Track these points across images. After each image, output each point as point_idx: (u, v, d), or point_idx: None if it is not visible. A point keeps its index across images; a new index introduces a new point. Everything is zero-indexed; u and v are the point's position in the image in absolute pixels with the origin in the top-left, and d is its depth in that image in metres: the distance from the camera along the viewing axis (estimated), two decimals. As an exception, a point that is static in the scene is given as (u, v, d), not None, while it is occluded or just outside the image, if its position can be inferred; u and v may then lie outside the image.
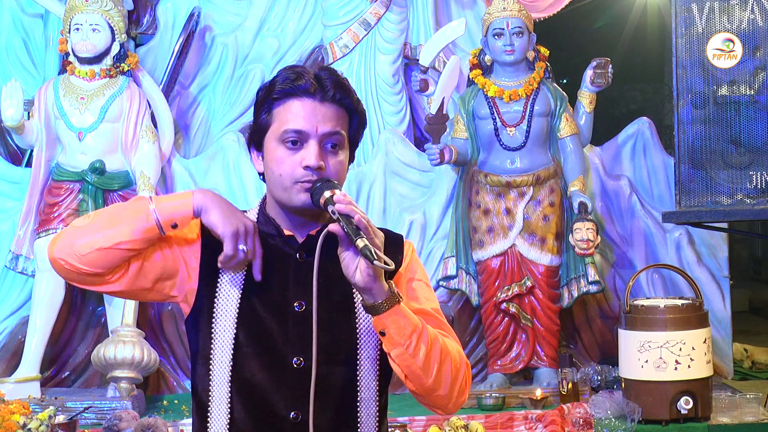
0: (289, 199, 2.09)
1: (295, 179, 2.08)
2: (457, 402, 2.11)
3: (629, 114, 12.01)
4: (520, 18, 5.57)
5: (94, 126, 5.71)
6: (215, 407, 2.09)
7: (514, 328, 5.58)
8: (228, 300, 2.11)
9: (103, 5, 5.74)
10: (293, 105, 2.09)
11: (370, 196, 6.02)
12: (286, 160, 2.09)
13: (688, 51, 4.45)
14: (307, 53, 6.48)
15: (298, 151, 2.08)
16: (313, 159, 2.06)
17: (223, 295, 2.11)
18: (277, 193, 2.12)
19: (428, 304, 2.15)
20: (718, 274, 5.97)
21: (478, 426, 4.56)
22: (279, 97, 2.11)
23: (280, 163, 2.09)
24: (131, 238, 2.04)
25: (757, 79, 4.43)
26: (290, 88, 2.09)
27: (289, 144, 2.09)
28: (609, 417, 4.66)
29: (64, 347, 5.90)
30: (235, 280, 2.11)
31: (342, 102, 2.12)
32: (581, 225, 5.38)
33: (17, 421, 4.42)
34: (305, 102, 2.09)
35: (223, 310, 2.10)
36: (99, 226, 2.06)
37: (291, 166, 2.08)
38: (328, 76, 2.12)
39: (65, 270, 2.07)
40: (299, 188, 2.07)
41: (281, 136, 2.09)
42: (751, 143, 4.42)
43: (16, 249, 5.71)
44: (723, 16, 4.43)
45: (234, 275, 2.12)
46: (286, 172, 2.08)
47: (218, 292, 2.11)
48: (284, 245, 2.14)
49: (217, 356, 2.09)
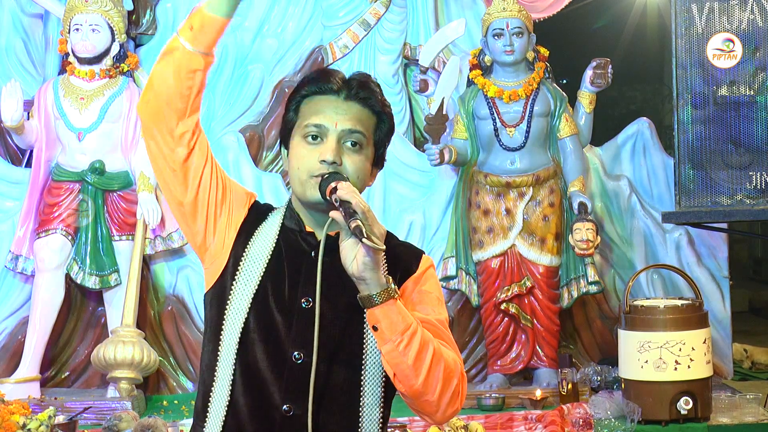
0: (304, 193, 2.11)
1: (310, 173, 2.09)
2: (446, 412, 2.08)
3: (629, 114, 11.99)
4: (520, 18, 5.57)
5: (94, 126, 5.71)
6: (218, 386, 2.11)
7: (514, 328, 5.58)
8: (247, 284, 2.12)
9: (102, 5, 5.74)
10: (318, 102, 2.13)
11: (370, 197, 6.01)
12: (306, 154, 2.11)
13: (688, 51, 4.45)
14: (307, 53, 6.47)
15: (317, 146, 2.10)
16: (329, 153, 2.08)
17: (244, 278, 2.12)
18: (296, 187, 2.14)
19: (434, 315, 2.14)
20: (717, 275, 5.97)
21: (477, 426, 4.56)
22: (306, 94, 2.15)
23: (300, 157, 2.11)
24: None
25: (757, 79, 4.43)
26: (317, 87, 2.14)
27: (309, 138, 2.11)
28: (609, 417, 4.65)
29: (64, 347, 5.90)
30: (256, 267, 2.13)
31: (366, 101, 2.14)
32: (581, 225, 5.38)
33: (17, 421, 4.42)
34: (329, 99, 2.13)
35: (240, 292, 2.12)
36: None
37: (309, 160, 2.10)
38: (357, 77, 2.16)
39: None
40: (313, 182, 2.09)
41: (303, 130, 2.12)
42: (751, 143, 4.42)
43: (15, 249, 5.71)
44: (723, 16, 4.44)
45: (257, 261, 2.13)
46: (304, 166, 2.10)
47: (239, 274, 2.13)
48: (303, 241, 2.15)
49: (227, 335, 2.11)
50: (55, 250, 5.60)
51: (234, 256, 2.15)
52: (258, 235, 2.17)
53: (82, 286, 5.69)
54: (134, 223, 5.68)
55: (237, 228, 2.17)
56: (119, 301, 5.58)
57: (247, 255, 2.14)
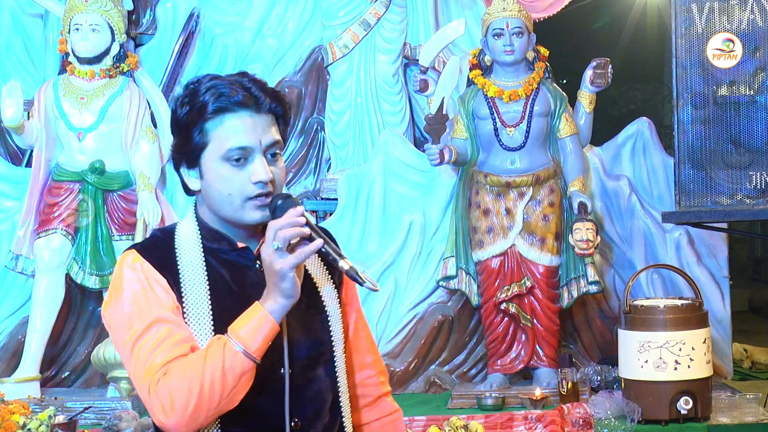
0: (241, 217, 2.05)
1: (246, 196, 2.03)
2: None
3: (629, 114, 12.01)
4: (520, 18, 5.57)
5: (94, 126, 5.71)
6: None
7: (514, 328, 5.58)
8: (199, 322, 2.04)
9: (102, 5, 5.75)
10: (231, 121, 2.03)
11: (370, 196, 6.02)
12: (233, 178, 2.03)
13: (688, 51, 4.45)
14: (307, 53, 6.48)
15: (243, 167, 2.03)
16: (263, 174, 2.02)
17: (193, 318, 2.04)
18: (226, 212, 2.06)
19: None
20: (717, 274, 5.97)
21: (477, 426, 4.56)
22: (212, 115, 2.03)
23: (228, 181, 2.03)
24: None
25: (757, 79, 4.42)
26: (224, 103, 2.03)
27: (233, 162, 2.03)
28: (609, 417, 4.65)
29: (64, 347, 5.90)
30: (200, 302, 2.05)
31: (275, 110, 2.08)
32: (581, 225, 5.38)
33: (17, 421, 4.42)
34: (242, 116, 2.04)
35: (197, 329, 2.04)
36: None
37: (240, 183, 2.03)
38: (251, 84, 2.06)
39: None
40: (252, 206, 2.03)
41: (225, 154, 2.03)
42: (750, 143, 4.42)
43: (16, 249, 5.72)
44: (723, 16, 4.43)
45: (197, 297, 2.05)
46: (236, 191, 2.03)
47: (186, 316, 2.04)
48: (240, 258, 2.10)
49: None
50: (55, 249, 5.60)
51: (176, 295, 2.05)
52: (182, 265, 2.07)
53: (82, 286, 5.70)
54: (134, 222, 5.68)
55: (170, 290, 2.05)
56: (119, 301, 5.58)
57: (185, 287, 2.05)
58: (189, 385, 1.93)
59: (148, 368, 1.97)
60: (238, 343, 1.95)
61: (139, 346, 1.99)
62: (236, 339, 1.95)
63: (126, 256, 2.07)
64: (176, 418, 1.93)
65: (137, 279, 2.03)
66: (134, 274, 2.04)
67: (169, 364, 1.96)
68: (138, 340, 1.99)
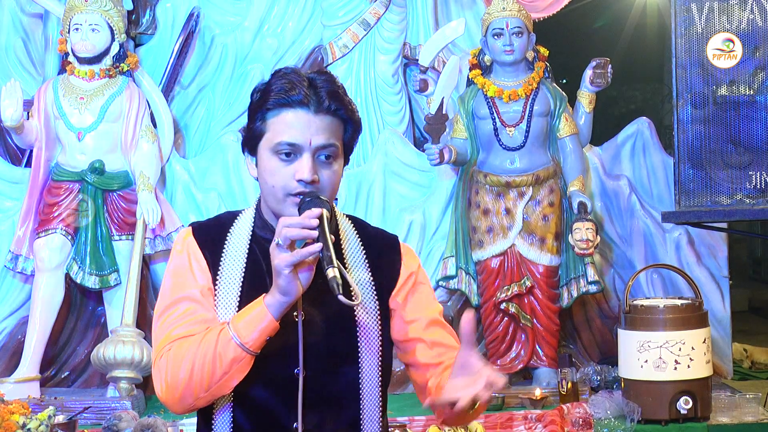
0: (281, 211, 2.08)
1: (287, 192, 2.06)
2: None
3: (629, 114, 12.00)
4: (520, 18, 5.57)
5: (94, 126, 5.71)
6: (218, 414, 2.08)
7: (514, 328, 5.58)
8: (226, 307, 2.09)
9: (102, 5, 5.74)
10: (287, 116, 2.07)
11: (370, 196, 6.02)
12: (280, 171, 2.06)
13: (687, 51, 4.45)
14: (307, 53, 6.48)
15: (291, 163, 2.06)
16: (306, 173, 2.04)
17: (221, 301, 2.10)
18: (271, 202, 2.10)
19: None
20: (717, 274, 5.97)
21: (477, 426, 4.56)
22: (273, 107, 2.08)
23: (274, 174, 2.07)
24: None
25: (757, 79, 4.42)
26: (284, 99, 2.06)
27: (282, 156, 2.06)
28: (608, 417, 4.66)
29: (64, 347, 5.90)
30: (231, 288, 2.10)
31: (336, 113, 2.09)
32: (581, 225, 5.38)
33: (17, 421, 4.42)
34: (299, 114, 2.06)
35: (222, 317, 2.09)
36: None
37: (284, 178, 2.06)
38: (323, 84, 2.09)
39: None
40: (291, 202, 2.06)
41: (275, 147, 2.07)
42: (750, 143, 4.41)
43: (15, 249, 5.71)
44: (723, 16, 4.43)
45: (231, 282, 2.10)
46: (279, 184, 2.07)
47: (218, 290, 2.11)
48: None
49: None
50: (54, 249, 5.59)
51: (212, 276, 2.12)
52: (228, 248, 2.14)
53: (82, 286, 5.69)
54: (134, 222, 5.68)
55: (208, 270, 2.12)
56: (119, 301, 5.58)
57: (222, 270, 2.11)
58: (182, 364, 2.01)
59: (161, 342, 2.06)
60: (233, 331, 2.00)
61: (163, 319, 2.09)
62: (233, 327, 2.01)
63: (183, 231, 2.19)
64: (169, 394, 2.02)
65: (183, 254, 2.14)
66: (183, 247, 2.15)
67: (176, 342, 2.04)
68: (164, 312, 2.10)
